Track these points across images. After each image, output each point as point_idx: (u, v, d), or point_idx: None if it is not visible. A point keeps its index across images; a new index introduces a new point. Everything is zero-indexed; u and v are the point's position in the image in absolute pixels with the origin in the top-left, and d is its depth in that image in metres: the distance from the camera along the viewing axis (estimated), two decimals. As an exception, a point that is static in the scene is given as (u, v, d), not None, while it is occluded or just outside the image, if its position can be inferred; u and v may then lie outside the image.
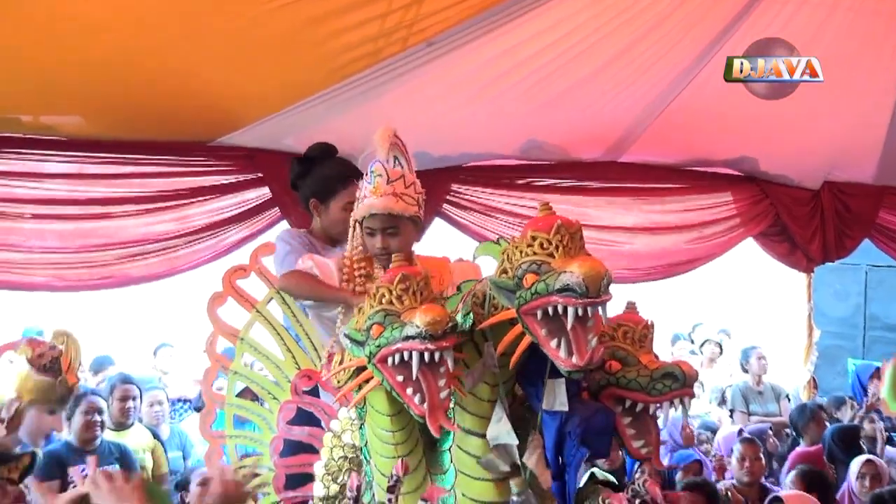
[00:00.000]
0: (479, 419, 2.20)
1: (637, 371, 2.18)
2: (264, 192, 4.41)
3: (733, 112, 5.06)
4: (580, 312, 1.85)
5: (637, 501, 2.24)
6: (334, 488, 2.58)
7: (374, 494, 2.27)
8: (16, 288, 4.13)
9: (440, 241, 4.73)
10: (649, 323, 2.28)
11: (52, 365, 3.23)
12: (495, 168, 5.22)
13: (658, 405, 2.16)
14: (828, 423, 5.61)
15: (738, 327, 8.89)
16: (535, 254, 1.96)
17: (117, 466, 4.39)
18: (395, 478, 2.10)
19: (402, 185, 2.81)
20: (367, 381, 2.17)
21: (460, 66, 4.09)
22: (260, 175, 4.37)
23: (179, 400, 6.42)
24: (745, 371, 6.88)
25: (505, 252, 2.05)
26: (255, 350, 2.88)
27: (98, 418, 4.49)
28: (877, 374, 6.96)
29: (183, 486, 4.73)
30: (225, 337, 2.89)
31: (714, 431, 5.84)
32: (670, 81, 4.78)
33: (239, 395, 3.07)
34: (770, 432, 5.79)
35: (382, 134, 2.77)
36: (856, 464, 4.55)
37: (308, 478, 2.68)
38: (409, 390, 2.03)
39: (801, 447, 5.28)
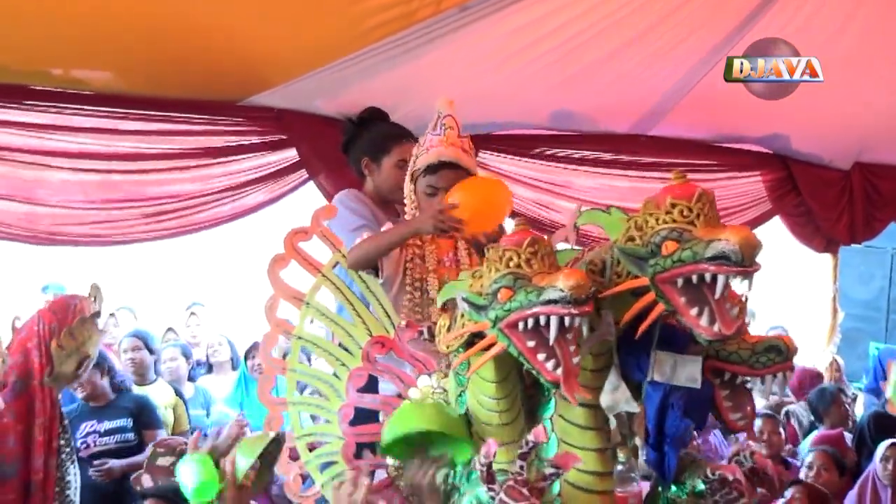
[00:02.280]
0: (581, 387, 2.10)
1: (737, 344, 2.17)
2: (291, 155, 4.39)
3: (766, 89, 5.00)
4: (730, 281, 1.83)
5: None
6: None
7: (481, 454, 2.18)
8: (40, 243, 4.13)
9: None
10: (743, 297, 2.19)
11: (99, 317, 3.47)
12: (523, 137, 5.18)
13: (759, 378, 2.16)
14: (848, 407, 5.57)
15: (762, 307, 8.84)
16: (674, 221, 1.91)
17: (130, 422, 4.45)
18: (531, 444, 2.01)
19: (468, 143, 2.78)
20: (486, 349, 2.09)
21: (493, 32, 4.02)
22: (286, 137, 4.35)
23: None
24: (769, 350, 6.83)
25: (632, 220, 2.00)
26: (323, 315, 2.76)
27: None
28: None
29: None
30: (288, 301, 2.76)
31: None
32: (704, 55, 4.72)
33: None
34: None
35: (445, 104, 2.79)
36: (881, 447, 4.51)
37: (375, 446, 2.59)
38: (542, 356, 1.97)
39: (822, 430, 5.25)
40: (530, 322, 1.94)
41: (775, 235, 6.42)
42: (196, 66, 3.92)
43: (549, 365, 1.95)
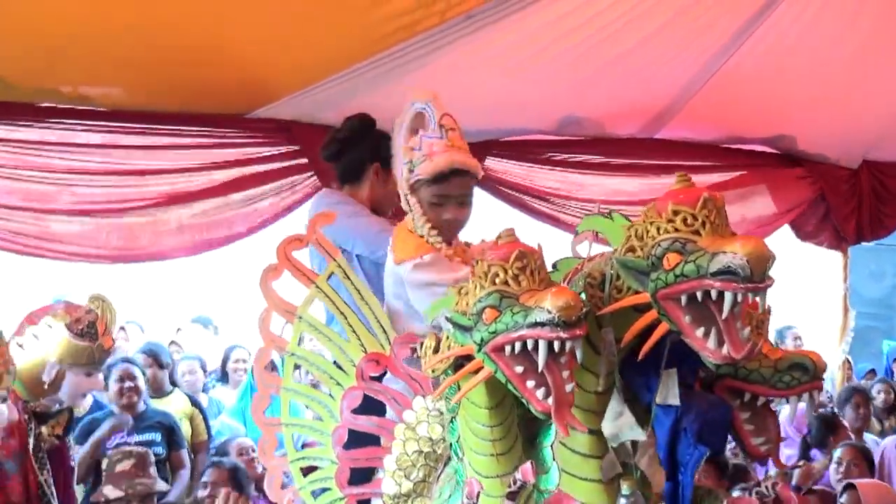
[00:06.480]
0: (584, 412, 1.93)
1: (759, 362, 2.01)
2: (300, 166, 4.38)
3: (772, 89, 4.99)
4: (739, 299, 1.64)
5: None
6: (407, 485, 2.35)
7: (464, 495, 2.06)
8: (51, 257, 4.13)
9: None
10: (768, 308, 2.00)
11: (89, 329, 3.39)
12: (530, 143, 5.16)
13: (784, 399, 1.99)
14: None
15: (773, 306, 8.81)
16: (676, 230, 1.72)
17: (159, 436, 4.45)
18: (519, 483, 1.85)
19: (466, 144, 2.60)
20: (473, 373, 1.90)
21: (499, 39, 4.03)
22: (296, 148, 4.34)
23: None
24: (782, 350, 6.83)
25: (632, 228, 1.82)
26: (316, 329, 2.56)
27: (131, 384, 4.54)
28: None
29: (222, 452, 4.77)
30: (280, 314, 2.55)
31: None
32: (709, 58, 4.72)
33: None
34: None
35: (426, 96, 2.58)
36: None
37: (373, 472, 2.49)
38: (531, 383, 1.77)
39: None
40: (517, 346, 1.76)
41: (785, 234, 6.41)
42: (203, 80, 3.94)
43: (539, 393, 1.76)
